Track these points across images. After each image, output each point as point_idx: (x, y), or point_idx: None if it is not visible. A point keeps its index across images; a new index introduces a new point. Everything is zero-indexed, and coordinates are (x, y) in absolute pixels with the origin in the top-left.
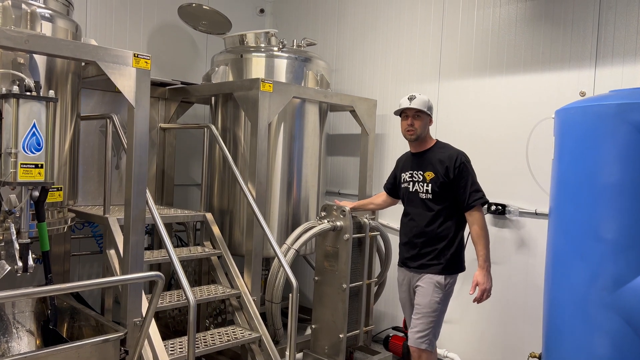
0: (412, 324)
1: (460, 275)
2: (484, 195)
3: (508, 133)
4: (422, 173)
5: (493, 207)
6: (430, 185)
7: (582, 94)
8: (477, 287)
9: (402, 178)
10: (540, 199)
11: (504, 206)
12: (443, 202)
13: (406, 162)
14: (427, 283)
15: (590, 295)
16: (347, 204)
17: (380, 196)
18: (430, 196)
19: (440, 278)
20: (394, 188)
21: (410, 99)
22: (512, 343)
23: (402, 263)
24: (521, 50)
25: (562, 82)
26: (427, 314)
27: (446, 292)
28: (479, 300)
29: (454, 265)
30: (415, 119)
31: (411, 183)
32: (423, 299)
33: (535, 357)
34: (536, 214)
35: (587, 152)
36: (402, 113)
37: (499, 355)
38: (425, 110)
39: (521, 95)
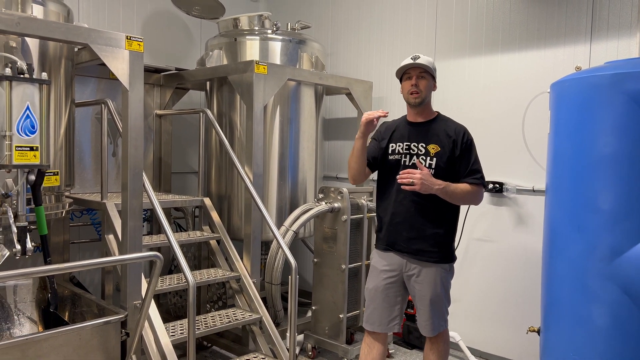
0: (423, 316)
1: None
2: (483, 177)
3: (504, 111)
4: (424, 145)
5: (490, 186)
6: (435, 159)
7: (578, 69)
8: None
9: (393, 149)
10: (537, 176)
11: (501, 184)
12: (445, 179)
13: (400, 132)
14: (434, 275)
15: (588, 266)
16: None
17: None
18: (433, 172)
19: (446, 265)
20: (375, 160)
21: (414, 58)
22: (511, 319)
23: (390, 246)
24: (516, 27)
25: (558, 58)
26: (439, 303)
27: (452, 273)
28: (402, 177)
29: (454, 252)
30: (420, 79)
31: (408, 156)
32: (434, 290)
33: (533, 331)
34: (534, 191)
35: (583, 124)
36: (404, 74)
37: (498, 332)
38: (431, 70)
39: (517, 73)
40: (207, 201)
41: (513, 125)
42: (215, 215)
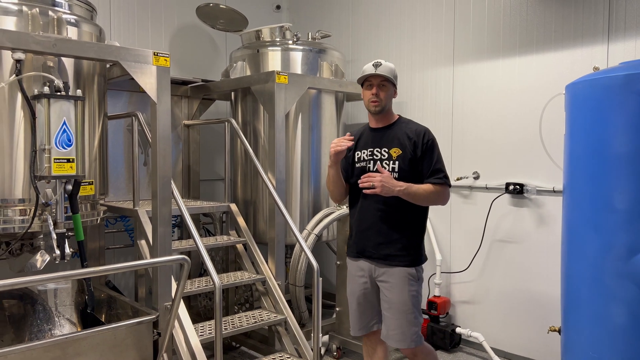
0: (387, 322)
1: (475, 255)
2: (447, 177)
3: (523, 113)
4: (386, 150)
5: (511, 187)
6: (397, 162)
7: (596, 69)
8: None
9: (358, 157)
10: (557, 177)
11: (521, 185)
12: (410, 181)
13: (364, 139)
14: (399, 277)
15: (605, 265)
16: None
17: None
18: (396, 175)
19: (412, 270)
20: (346, 172)
21: (376, 65)
22: (534, 319)
23: (360, 254)
24: (533, 30)
25: (576, 59)
26: (406, 312)
27: (420, 282)
28: (362, 181)
29: (422, 255)
30: (381, 88)
31: (371, 162)
32: (398, 296)
33: (554, 330)
34: (554, 192)
35: (597, 124)
36: (365, 81)
37: (521, 332)
38: (392, 79)
39: (535, 75)
40: (234, 207)
41: (532, 127)
42: (241, 220)
